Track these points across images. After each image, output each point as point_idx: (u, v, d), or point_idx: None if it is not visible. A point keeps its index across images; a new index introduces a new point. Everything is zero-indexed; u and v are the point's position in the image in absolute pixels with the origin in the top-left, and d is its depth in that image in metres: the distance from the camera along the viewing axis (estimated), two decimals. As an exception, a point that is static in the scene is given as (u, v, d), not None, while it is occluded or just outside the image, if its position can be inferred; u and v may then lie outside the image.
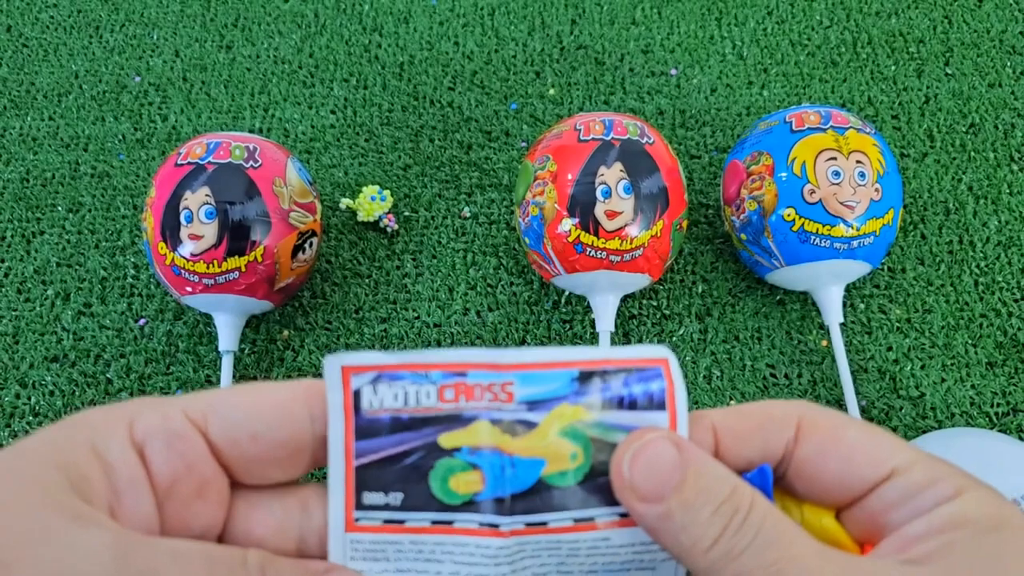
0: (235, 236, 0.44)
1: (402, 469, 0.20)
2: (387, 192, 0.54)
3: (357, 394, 0.20)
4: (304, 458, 0.20)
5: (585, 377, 0.20)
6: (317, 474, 0.43)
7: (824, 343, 0.50)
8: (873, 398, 0.48)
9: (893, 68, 0.61)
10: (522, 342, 0.50)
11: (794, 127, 0.46)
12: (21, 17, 0.67)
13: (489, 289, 0.52)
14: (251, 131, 0.60)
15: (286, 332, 0.51)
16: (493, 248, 0.54)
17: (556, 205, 0.45)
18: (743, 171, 0.48)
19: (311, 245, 0.48)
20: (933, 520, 0.18)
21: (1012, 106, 0.59)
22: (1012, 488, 0.38)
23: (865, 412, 0.47)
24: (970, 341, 0.49)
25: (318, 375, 0.49)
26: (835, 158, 0.45)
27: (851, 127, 0.46)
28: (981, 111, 0.59)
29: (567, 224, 0.45)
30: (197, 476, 0.19)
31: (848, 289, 0.51)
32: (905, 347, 0.49)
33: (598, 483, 0.20)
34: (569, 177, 0.45)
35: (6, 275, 0.54)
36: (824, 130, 0.46)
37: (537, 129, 0.59)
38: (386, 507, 0.20)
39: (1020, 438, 0.46)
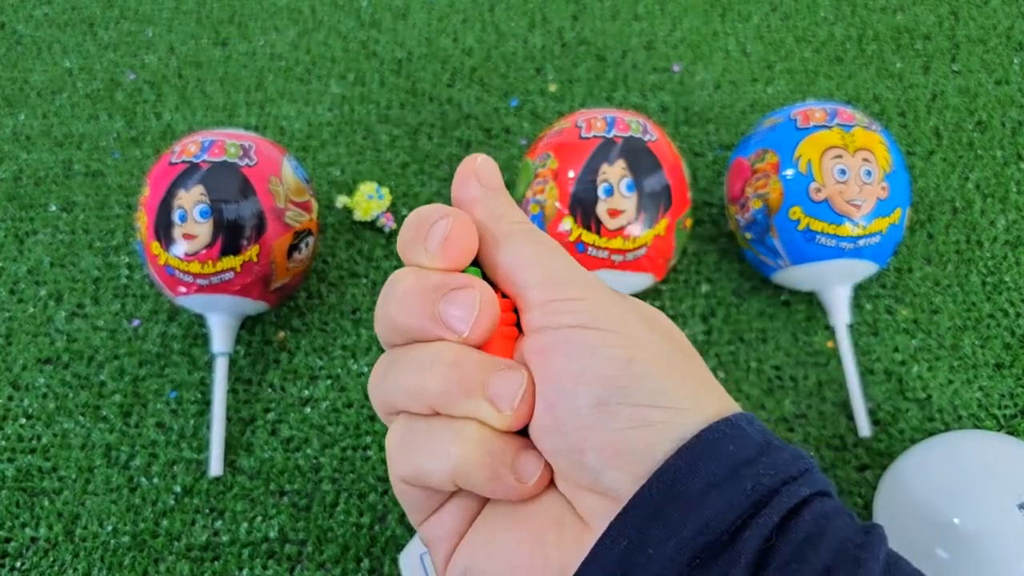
0: (230, 235, 0.43)
1: None
2: (385, 190, 0.53)
3: None
4: None
5: None
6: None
7: (830, 344, 0.49)
8: (880, 400, 0.47)
9: (899, 64, 0.60)
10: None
11: (799, 124, 0.46)
12: (15, 14, 0.66)
13: (489, 289, 0.51)
14: (246, 128, 0.59)
15: (282, 333, 0.50)
16: (493, 247, 0.53)
17: (557, 203, 0.44)
18: (748, 169, 0.47)
19: (307, 244, 0.47)
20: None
21: (1020, 103, 0.58)
22: (1021, 491, 0.37)
23: (872, 414, 0.46)
24: (977, 342, 0.49)
25: (314, 378, 0.48)
26: (841, 156, 0.44)
27: (857, 124, 0.45)
28: (988, 108, 0.58)
29: (568, 223, 0.44)
30: None
31: (854, 289, 0.50)
32: (912, 348, 0.48)
33: None
34: (570, 175, 0.44)
35: (-2, 275, 0.53)
36: (830, 127, 0.45)
37: (538, 126, 0.58)
38: None
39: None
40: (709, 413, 0.22)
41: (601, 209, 0.43)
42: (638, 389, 0.21)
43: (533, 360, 0.22)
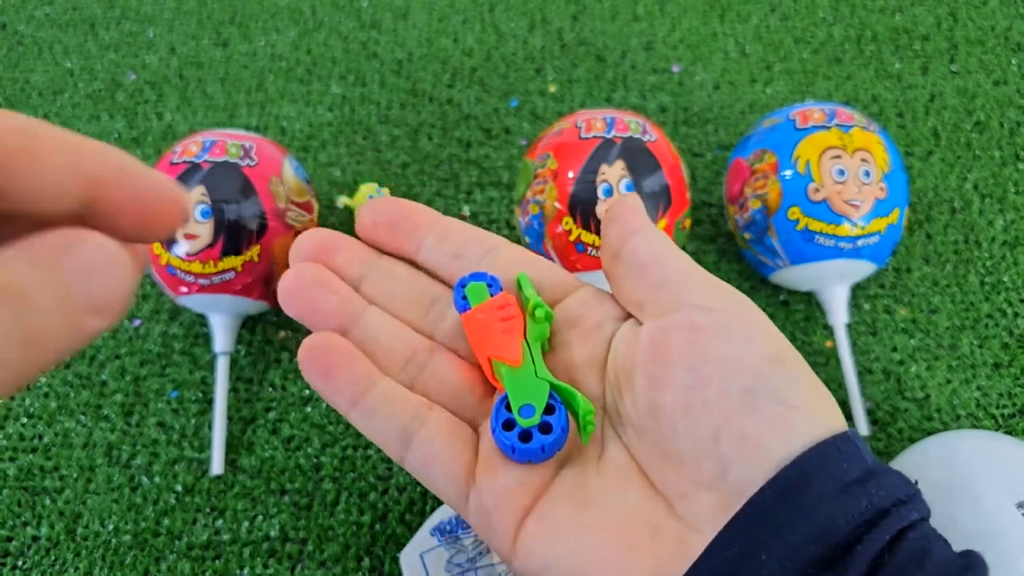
0: (231, 235, 0.43)
1: None
2: (385, 190, 0.54)
3: None
4: None
5: None
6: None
7: (829, 344, 0.49)
8: (878, 399, 0.47)
9: (898, 65, 0.61)
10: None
11: (798, 124, 0.46)
12: (16, 14, 0.66)
13: (489, 289, 0.51)
14: (247, 129, 0.59)
15: (283, 333, 0.50)
16: (493, 247, 0.53)
17: (556, 203, 0.44)
18: (747, 169, 0.47)
19: (308, 245, 0.47)
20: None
21: (1018, 104, 0.58)
22: (1019, 490, 0.38)
23: (871, 414, 0.46)
24: (976, 342, 0.49)
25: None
26: (840, 156, 0.44)
27: (856, 125, 0.46)
28: (987, 109, 0.58)
29: (567, 223, 0.44)
30: None
31: (853, 289, 0.50)
32: (910, 348, 0.49)
33: None
34: (570, 175, 0.44)
35: None
36: (828, 128, 0.45)
37: (537, 126, 0.58)
38: None
39: (1027, 440, 0.45)
40: (832, 425, 0.22)
41: (600, 209, 0.44)
42: (786, 389, 0.22)
43: (676, 335, 0.23)
